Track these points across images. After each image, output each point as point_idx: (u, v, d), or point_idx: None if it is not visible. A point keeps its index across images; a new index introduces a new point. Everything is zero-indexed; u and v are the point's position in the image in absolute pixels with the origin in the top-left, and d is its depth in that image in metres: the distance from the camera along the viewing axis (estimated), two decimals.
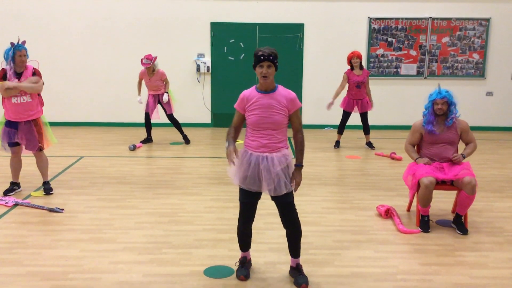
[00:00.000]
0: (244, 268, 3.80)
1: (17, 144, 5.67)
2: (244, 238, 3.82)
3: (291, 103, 3.58)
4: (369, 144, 8.63)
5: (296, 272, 3.75)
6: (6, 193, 5.70)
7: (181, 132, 8.87)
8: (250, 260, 3.90)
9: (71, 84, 10.12)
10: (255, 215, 3.75)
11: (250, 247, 3.88)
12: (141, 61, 8.37)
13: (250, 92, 3.62)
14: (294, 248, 3.76)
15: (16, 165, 5.83)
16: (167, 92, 8.50)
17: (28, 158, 6.16)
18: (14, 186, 5.82)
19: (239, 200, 3.70)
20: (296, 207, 3.69)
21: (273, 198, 3.63)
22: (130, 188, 6.09)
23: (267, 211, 4.77)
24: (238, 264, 3.86)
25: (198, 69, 10.19)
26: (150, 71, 8.43)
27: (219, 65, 10.20)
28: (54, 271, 3.87)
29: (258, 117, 3.51)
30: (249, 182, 3.55)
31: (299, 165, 3.66)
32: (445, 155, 4.93)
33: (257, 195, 3.66)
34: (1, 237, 4.53)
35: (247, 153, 3.59)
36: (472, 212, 5.21)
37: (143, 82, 8.61)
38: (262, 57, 3.46)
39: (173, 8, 10.05)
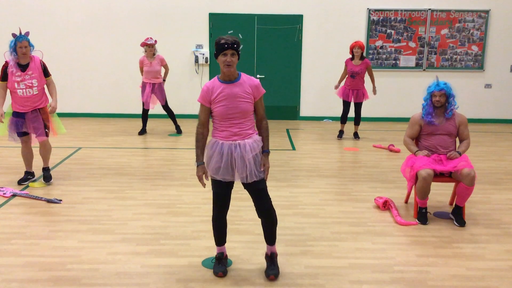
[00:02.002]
0: (221, 265, 3.73)
1: (25, 133, 5.68)
2: (220, 229, 3.73)
3: (256, 90, 3.52)
4: (355, 135, 8.67)
5: (269, 261, 3.72)
6: (21, 182, 5.75)
7: (175, 122, 8.93)
8: (226, 256, 3.82)
9: (69, 75, 10.08)
10: (230, 205, 3.72)
11: (225, 241, 3.80)
12: (145, 41, 8.34)
13: (212, 83, 3.52)
14: (269, 235, 3.72)
15: (27, 155, 5.85)
16: (164, 80, 8.60)
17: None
18: (28, 175, 5.88)
19: (212, 190, 3.63)
20: (269, 195, 3.65)
21: (246, 186, 3.59)
22: (128, 179, 6.09)
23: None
24: (214, 261, 3.79)
25: (196, 60, 10.16)
26: (151, 54, 8.41)
27: None
28: (53, 262, 3.88)
29: (225, 108, 3.45)
30: (223, 172, 3.50)
31: (267, 151, 3.59)
32: (443, 145, 4.94)
33: (230, 185, 3.62)
34: None
35: (217, 143, 3.52)
36: (470, 204, 5.22)
37: (144, 70, 8.52)
38: (226, 45, 3.40)
39: None
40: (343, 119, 8.64)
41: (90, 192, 5.59)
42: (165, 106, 8.73)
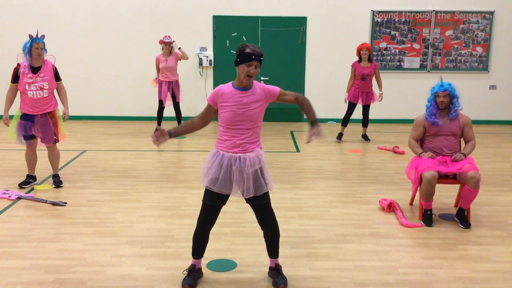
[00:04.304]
0: (191, 277, 3.58)
1: (33, 137, 5.70)
2: (200, 244, 3.61)
3: (270, 95, 3.44)
4: (365, 137, 8.64)
5: (275, 272, 3.65)
6: (22, 185, 5.75)
7: (179, 123, 8.97)
8: (199, 269, 3.68)
9: (73, 77, 10.09)
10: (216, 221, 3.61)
11: (202, 256, 3.67)
12: (163, 39, 8.60)
13: (226, 87, 3.45)
14: (273, 248, 3.66)
15: (31, 158, 5.86)
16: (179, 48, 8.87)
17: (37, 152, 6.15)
18: (30, 179, 5.88)
19: (202, 201, 3.53)
20: (273, 208, 3.57)
21: (248, 200, 3.49)
22: (133, 181, 6.10)
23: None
24: (185, 272, 3.66)
25: (200, 63, 10.18)
26: (168, 52, 8.61)
27: (222, 59, 10.19)
28: (58, 264, 3.89)
29: (233, 114, 3.35)
30: (220, 184, 3.39)
31: (314, 122, 3.47)
32: (448, 146, 4.92)
33: (224, 199, 3.50)
34: (4, 230, 4.55)
35: (218, 154, 3.43)
36: (475, 206, 5.20)
37: (160, 67, 8.72)
38: (253, 56, 3.30)
39: (175, 1, 10.03)
40: (345, 121, 8.61)
41: (95, 194, 5.60)
42: (177, 105, 8.85)
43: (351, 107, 8.49)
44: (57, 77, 5.70)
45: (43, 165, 6.19)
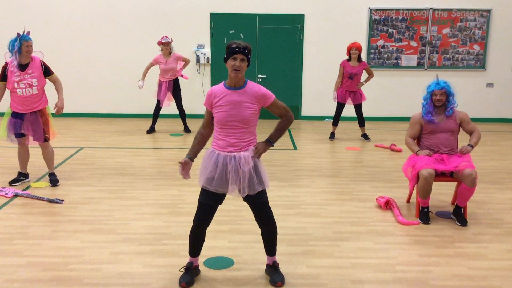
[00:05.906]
0: (188, 275, 3.59)
1: (23, 135, 5.68)
2: (196, 242, 3.62)
3: (262, 99, 3.45)
4: (365, 136, 8.63)
5: (272, 270, 3.66)
6: (12, 183, 5.73)
7: (184, 122, 9.02)
8: (197, 267, 3.69)
9: (70, 75, 10.07)
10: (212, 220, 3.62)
11: (199, 254, 3.68)
12: (161, 40, 8.49)
13: (217, 88, 3.48)
14: (270, 246, 3.67)
15: (23, 156, 5.84)
16: (181, 75, 8.75)
17: (31, 150, 6.14)
18: (21, 177, 5.85)
19: (198, 200, 3.54)
20: (270, 207, 3.58)
21: (245, 199, 3.49)
22: (130, 179, 6.09)
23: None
24: (182, 269, 3.67)
25: (198, 60, 10.17)
26: (167, 52, 8.56)
27: (219, 56, 10.16)
28: (55, 262, 3.88)
29: (226, 114, 3.36)
30: (216, 183, 3.40)
31: (268, 140, 3.52)
32: (445, 143, 4.93)
33: (221, 198, 3.52)
34: (1, 228, 4.54)
35: (214, 153, 3.45)
36: (472, 203, 5.22)
37: (159, 68, 8.65)
38: (237, 49, 3.32)
39: None
40: (335, 121, 8.60)
41: (92, 192, 5.59)
42: (179, 105, 8.85)
43: (340, 107, 8.48)
44: (47, 72, 5.67)
45: (40, 162, 6.17)
